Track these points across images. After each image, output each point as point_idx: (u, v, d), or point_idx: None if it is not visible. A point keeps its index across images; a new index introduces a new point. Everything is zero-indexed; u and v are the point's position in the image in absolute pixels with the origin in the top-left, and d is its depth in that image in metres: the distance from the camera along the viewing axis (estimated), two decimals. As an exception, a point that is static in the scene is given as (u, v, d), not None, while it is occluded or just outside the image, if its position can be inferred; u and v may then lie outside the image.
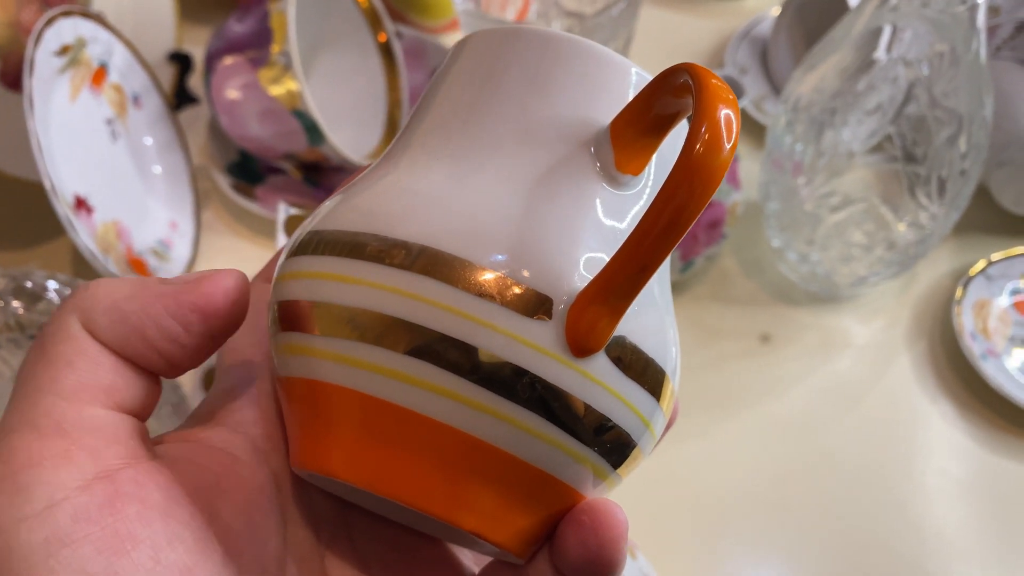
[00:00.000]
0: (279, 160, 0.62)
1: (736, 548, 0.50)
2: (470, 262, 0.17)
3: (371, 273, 0.18)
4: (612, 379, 0.18)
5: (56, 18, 0.52)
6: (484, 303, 0.17)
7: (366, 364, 0.17)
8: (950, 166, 0.50)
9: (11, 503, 0.16)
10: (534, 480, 0.18)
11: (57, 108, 0.53)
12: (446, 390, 0.17)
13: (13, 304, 0.41)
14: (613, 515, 0.18)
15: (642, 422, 0.19)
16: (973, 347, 0.56)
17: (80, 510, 0.16)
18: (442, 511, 0.18)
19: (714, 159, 0.15)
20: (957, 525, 0.51)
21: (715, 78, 0.16)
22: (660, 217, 0.16)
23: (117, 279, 0.19)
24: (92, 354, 0.18)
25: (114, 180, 0.57)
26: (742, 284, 0.61)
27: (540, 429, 0.17)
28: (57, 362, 0.18)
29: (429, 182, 0.19)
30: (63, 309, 0.19)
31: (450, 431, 0.17)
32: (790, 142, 0.54)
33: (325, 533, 0.22)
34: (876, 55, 0.50)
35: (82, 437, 0.17)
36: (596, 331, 0.17)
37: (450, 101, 0.20)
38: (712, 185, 0.15)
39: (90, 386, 0.18)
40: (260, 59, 0.57)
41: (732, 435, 0.54)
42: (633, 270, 0.16)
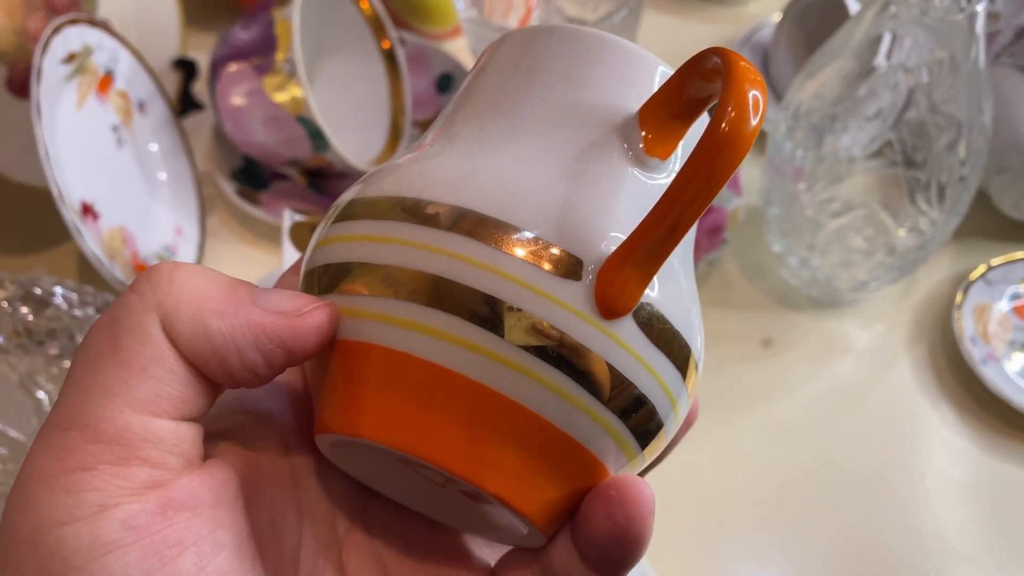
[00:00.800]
0: (284, 166, 0.63)
1: (737, 551, 0.50)
2: (506, 224, 0.18)
3: (412, 233, 0.18)
4: (639, 345, 0.18)
5: (63, 26, 0.52)
6: (518, 262, 0.17)
7: (399, 320, 0.18)
8: (950, 172, 0.50)
9: (59, 504, 0.16)
10: (559, 444, 0.18)
11: (64, 115, 0.53)
12: (477, 346, 0.17)
13: (21, 310, 0.41)
14: (641, 490, 0.18)
15: (668, 398, 0.19)
16: (973, 351, 0.56)
17: (131, 517, 0.16)
18: (466, 471, 0.18)
19: (741, 132, 0.16)
20: (957, 528, 0.51)
21: (744, 61, 0.17)
22: (689, 184, 0.16)
23: (204, 275, 0.18)
24: (169, 364, 0.17)
25: (120, 186, 0.58)
26: (743, 289, 0.61)
27: (568, 390, 0.18)
28: (131, 364, 0.17)
29: (467, 157, 0.19)
30: (143, 302, 0.17)
31: (477, 387, 0.17)
32: (791, 148, 0.54)
33: (343, 525, 0.22)
34: (876, 62, 0.50)
35: (143, 447, 0.17)
36: (625, 293, 0.17)
37: (487, 94, 0.21)
38: (738, 157, 0.16)
39: (161, 398, 0.17)
40: (265, 66, 0.57)
41: (733, 439, 0.54)
42: (662, 232, 0.17)
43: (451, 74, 0.70)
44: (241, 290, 0.18)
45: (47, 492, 0.16)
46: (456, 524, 0.22)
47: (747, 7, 0.80)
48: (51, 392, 0.44)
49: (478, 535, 0.22)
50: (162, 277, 0.18)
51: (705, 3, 0.80)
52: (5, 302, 0.41)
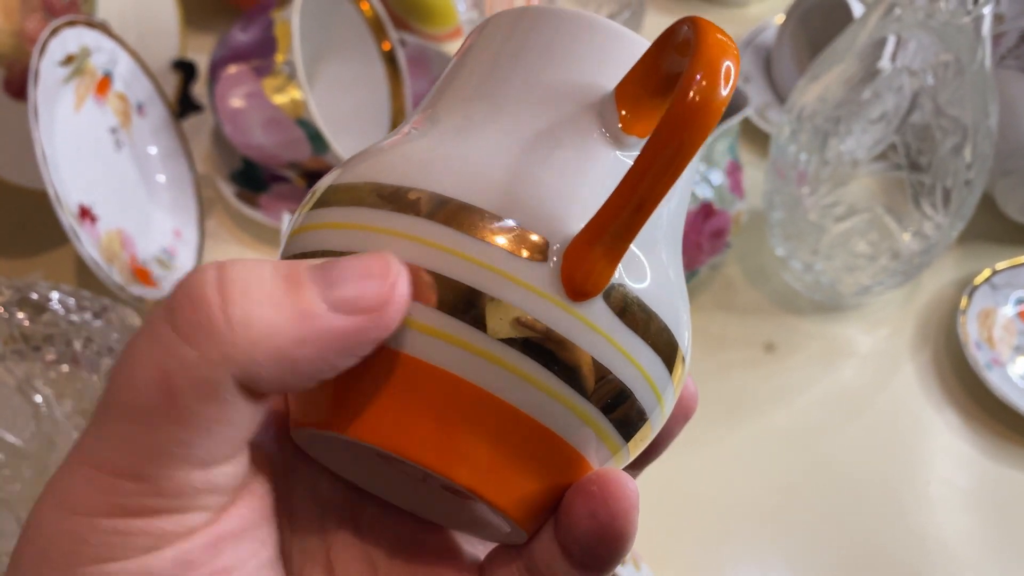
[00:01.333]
0: (283, 169, 0.62)
1: (739, 557, 0.50)
2: (468, 204, 0.17)
3: (384, 220, 0.17)
4: (611, 328, 0.17)
5: (61, 28, 0.52)
6: (480, 244, 0.17)
7: None
8: (955, 175, 0.50)
9: (108, 543, 0.15)
10: (533, 436, 0.17)
11: (62, 117, 0.53)
12: (440, 332, 0.17)
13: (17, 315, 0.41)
14: (623, 484, 0.18)
15: (649, 385, 0.18)
16: (978, 356, 0.56)
17: (183, 554, 0.16)
18: (436, 463, 0.17)
19: (710, 100, 0.15)
20: (961, 535, 0.51)
21: (716, 28, 0.16)
22: (656, 157, 0.16)
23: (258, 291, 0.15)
24: (236, 420, 0.16)
25: (118, 189, 0.58)
26: (746, 293, 0.61)
27: (537, 376, 0.17)
28: (192, 425, 0.15)
29: (443, 141, 0.19)
30: (205, 358, 0.15)
31: (444, 375, 0.17)
32: (794, 151, 0.54)
33: (331, 524, 0.22)
34: (880, 64, 0.50)
35: (203, 498, 0.16)
36: (593, 274, 0.17)
37: (468, 76, 0.21)
38: (707, 128, 0.15)
39: (222, 449, 0.16)
40: (264, 68, 0.57)
41: (736, 444, 0.54)
42: (629, 209, 0.16)
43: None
44: (306, 300, 0.16)
45: (95, 531, 0.15)
46: (441, 520, 0.22)
47: (749, 9, 0.80)
48: (48, 396, 0.44)
49: (463, 531, 0.22)
50: (216, 320, 0.15)
51: (707, 5, 0.79)
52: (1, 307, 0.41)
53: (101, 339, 0.44)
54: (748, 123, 0.68)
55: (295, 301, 0.16)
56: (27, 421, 0.44)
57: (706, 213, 0.54)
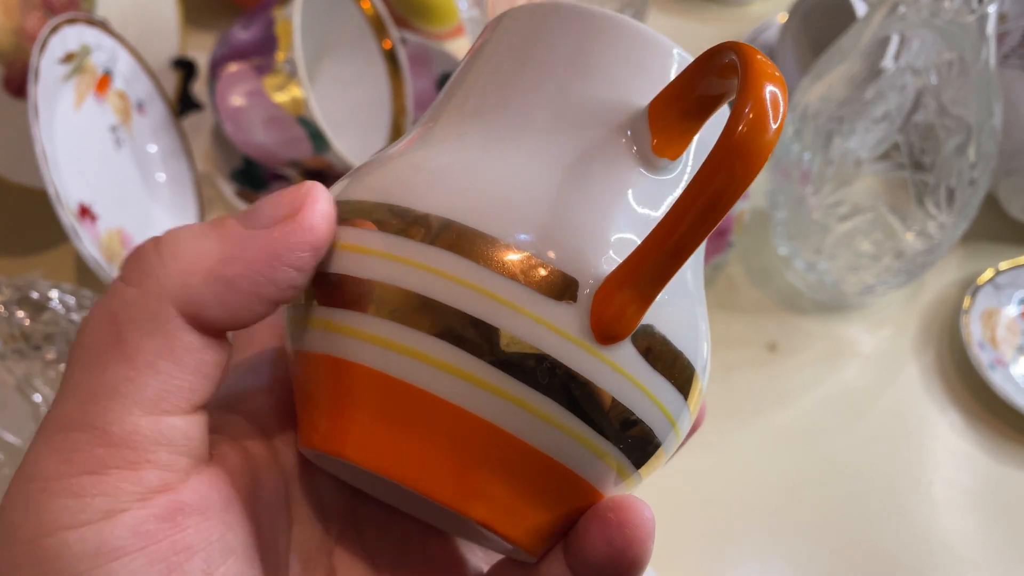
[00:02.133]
0: (284, 167, 0.62)
1: (742, 557, 0.50)
2: (494, 238, 0.16)
3: (397, 247, 0.17)
4: (638, 371, 0.17)
5: (61, 25, 0.52)
6: (506, 282, 0.16)
7: (380, 340, 0.17)
8: (959, 175, 0.50)
9: (65, 508, 0.15)
10: (551, 473, 0.17)
11: (62, 115, 0.53)
12: (463, 372, 0.16)
13: (17, 314, 0.41)
14: (641, 513, 0.18)
15: (668, 420, 0.18)
16: (981, 356, 0.55)
17: (139, 523, 0.16)
18: (451, 499, 0.17)
19: (759, 139, 0.14)
20: (965, 535, 0.51)
21: (762, 56, 0.15)
22: (697, 199, 0.15)
23: (186, 235, 0.17)
24: (179, 354, 0.16)
25: (118, 187, 0.57)
26: (749, 293, 0.61)
27: (559, 419, 0.17)
28: (138, 361, 0.16)
29: (456, 156, 0.18)
30: (144, 291, 0.16)
31: (464, 415, 0.17)
32: (798, 150, 0.54)
33: (334, 528, 0.21)
34: (884, 63, 0.50)
35: (153, 450, 0.16)
36: (623, 318, 0.16)
37: (482, 79, 0.20)
38: (756, 167, 0.14)
39: (171, 393, 0.16)
40: (265, 66, 0.56)
41: (739, 444, 0.54)
42: (665, 255, 0.15)
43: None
44: (228, 227, 0.17)
45: (51, 495, 0.15)
46: (448, 528, 0.22)
47: (752, 7, 0.79)
48: (48, 396, 0.43)
49: (469, 540, 0.22)
50: (150, 259, 0.16)
51: (710, 3, 0.79)
52: (1, 306, 0.41)
53: (101, 338, 0.44)
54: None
55: (218, 230, 0.17)
56: (26, 421, 0.44)
57: (709, 212, 0.53)
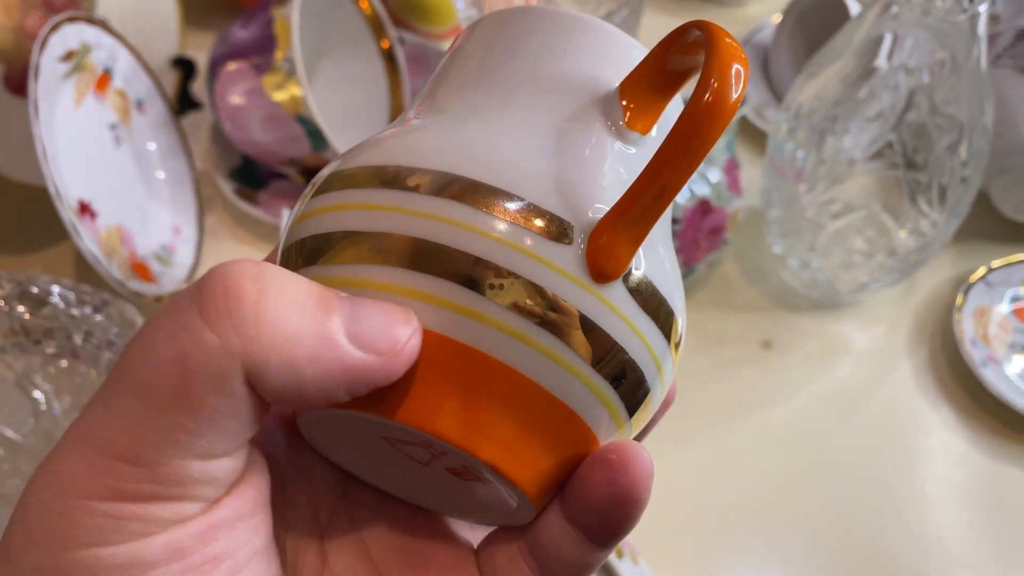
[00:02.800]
0: (282, 166, 0.62)
1: (737, 553, 0.50)
2: (497, 188, 0.18)
3: (399, 199, 0.18)
4: (629, 309, 0.18)
5: (61, 23, 0.52)
6: (509, 226, 0.17)
7: (388, 286, 0.17)
8: (951, 173, 0.50)
9: (101, 527, 0.15)
10: (552, 410, 0.18)
11: (62, 113, 0.53)
12: (468, 309, 0.17)
13: (18, 309, 0.41)
14: (641, 454, 0.18)
15: (656, 365, 0.19)
16: (973, 354, 0.56)
17: (175, 541, 0.16)
18: (459, 438, 0.18)
19: (724, 102, 0.16)
20: (958, 532, 0.51)
21: (726, 34, 0.17)
22: (676, 149, 0.17)
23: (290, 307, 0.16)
24: (243, 415, 0.16)
25: (117, 185, 0.58)
26: (743, 290, 0.61)
27: (559, 353, 0.17)
28: (201, 416, 0.15)
29: (452, 127, 0.19)
30: (225, 347, 0.15)
31: (470, 351, 0.17)
32: (791, 149, 0.54)
33: (324, 513, 0.22)
34: (877, 63, 0.50)
35: (200, 488, 0.16)
36: (615, 256, 0.17)
37: (467, 69, 0.21)
38: (720, 126, 0.16)
39: (226, 441, 0.16)
40: (264, 65, 0.57)
41: (733, 441, 0.54)
42: (650, 196, 0.17)
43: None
44: (331, 324, 0.16)
45: (88, 514, 0.15)
46: (439, 507, 0.22)
47: (747, 8, 0.80)
48: (47, 391, 0.44)
49: (462, 517, 0.22)
50: (246, 315, 0.15)
51: (705, 4, 0.80)
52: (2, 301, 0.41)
53: (101, 333, 0.44)
54: (746, 122, 0.69)
55: (322, 322, 0.16)
56: (26, 416, 0.44)
57: (704, 210, 0.54)
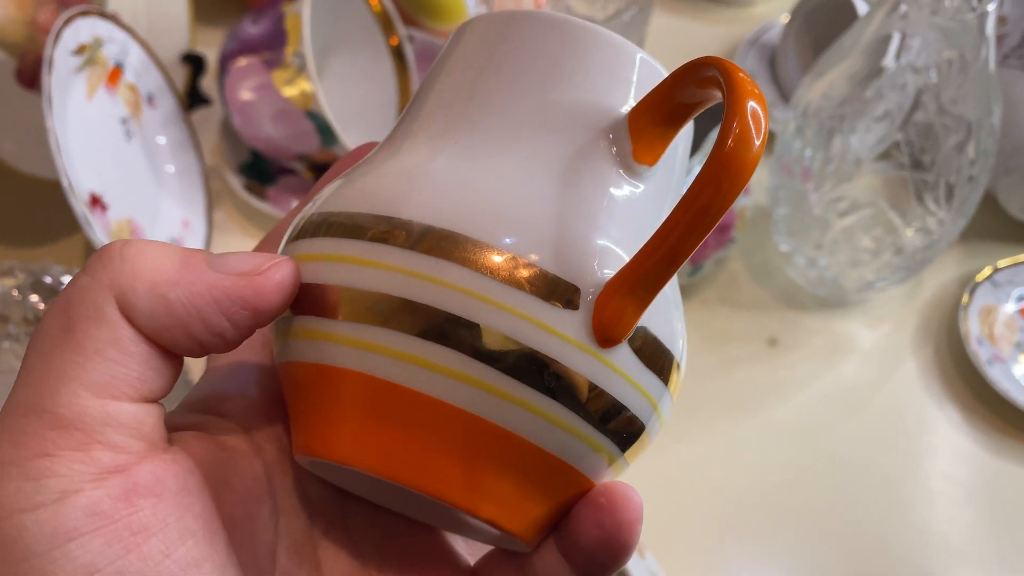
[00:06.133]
0: (291, 161, 0.63)
1: (742, 549, 0.50)
2: (483, 243, 0.17)
3: (378, 254, 0.17)
4: (633, 370, 0.18)
5: (74, 17, 0.52)
6: (513, 292, 0.17)
7: (375, 346, 0.17)
8: (958, 172, 0.51)
9: (20, 491, 0.15)
10: (552, 468, 0.18)
11: (74, 107, 0.53)
12: (465, 375, 0.17)
13: (31, 298, 0.41)
14: (630, 497, 0.19)
15: (652, 408, 0.19)
16: (979, 353, 0.56)
17: (94, 503, 0.16)
18: (458, 499, 0.18)
19: (745, 153, 0.15)
20: (962, 530, 0.51)
21: (742, 72, 0.16)
22: (691, 209, 0.16)
23: (155, 248, 0.17)
24: (125, 343, 0.17)
25: (128, 179, 0.58)
26: (750, 288, 0.61)
27: (563, 418, 0.17)
28: (86, 347, 0.16)
29: (434, 163, 0.18)
30: (95, 281, 0.17)
31: (470, 417, 0.17)
32: (799, 147, 0.54)
33: (320, 522, 0.22)
34: (885, 62, 0.50)
35: (103, 432, 0.16)
36: (622, 322, 0.17)
37: (452, 84, 0.20)
38: (743, 179, 0.15)
39: (119, 380, 0.17)
40: (274, 60, 0.57)
41: (739, 438, 0.54)
42: (662, 262, 0.16)
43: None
44: (196, 258, 0.18)
45: (6, 479, 0.16)
46: (437, 524, 0.22)
47: (755, 8, 0.80)
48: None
49: (460, 535, 0.22)
50: (113, 255, 0.17)
51: (713, 4, 0.80)
52: (15, 290, 0.41)
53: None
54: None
55: (184, 256, 0.18)
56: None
57: (711, 207, 0.54)
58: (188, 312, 0.17)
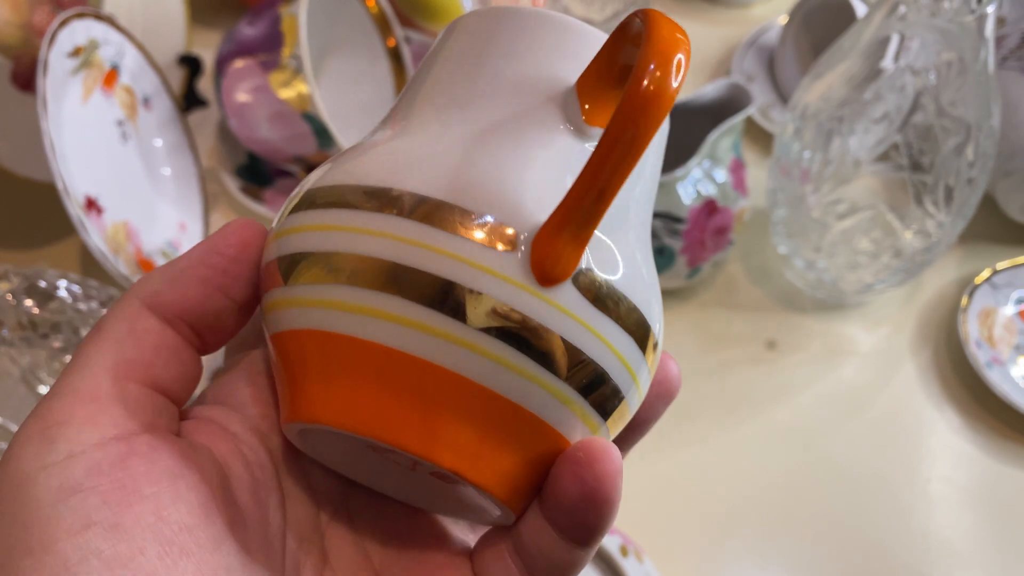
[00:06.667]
0: (288, 163, 0.62)
1: (741, 553, 0.50)
2: (445, 202, 0.18)
3: (353, 219, 0.18)
4: (582, 310, 0.18)
5: (70, 19, 0.52)
6: (456, 238, 0.18)
7: (343, 304, 0.18)
8: (957, 174, 0.50)
9: (36, 453, 0.17)
10: (515, 417, 0.18)
11: (69, 109, 0.53)
12: (420, 323, 0.17)
13: (26, 303, 0.41)
14: (607, 450, 0.18)
15: (623, 366, 0.19)
16: (978, 355, 0.56)
17: (94, 463, 0.17)
18: (419, 447, 0.18)
19: (662, 90, 0.16)
20: (961, 533, 0.51)
21: (668, 21, 0.17)
22: (613, 146, 0.16)
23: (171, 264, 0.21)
24: (139, 333, 0.19)
25: (124, 181, 0.58)
26: (748, 291, 0.61)
27: (514, 361, 0.17)
28: (108, 339, 0.19)
29: (413, 141, 0.20)
30: (127, 294, 0.20)
31: (426, 365, 0.17)
32: (798, 149, 0.54)
33: (326, 511, 0.22)
34: (884, 64, 0.50)
35: (111, 405, 0.18)
36: (561, 259, 0.17)
37: (432, 76, 0.22)
38: (659, 118, 0.16)
39: (130, 361, 0.19)
40: (271, 62, 0.57)
41: (738, 441, 0.54)
42: (592, 197, 0.17)
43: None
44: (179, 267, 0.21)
45: (27, 444, 0.18)
46: (431, 507, 0.22)
47: (753, 9, 0.80)
48: (53, 387, 0.44)
49: (454, 516, 0.22)
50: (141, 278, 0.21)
51: (711, 5, 0.80)
52: (10, 294, 0.41)
53: (108, 328, 0.44)
54: (751, 122, 0.69)
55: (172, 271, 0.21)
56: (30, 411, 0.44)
57: (709, 210, 0.54)
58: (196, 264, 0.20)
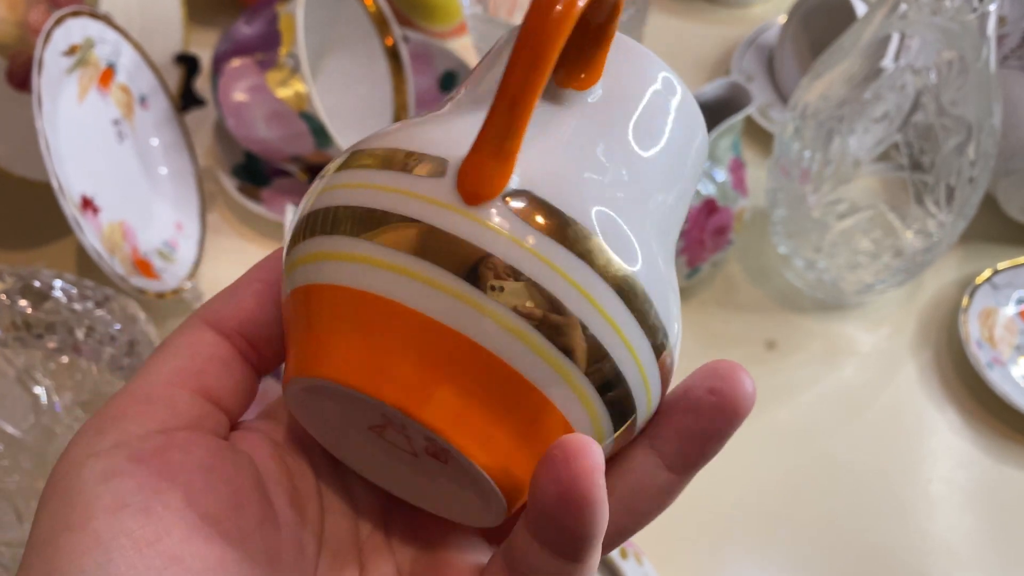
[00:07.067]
0: (286, 162, 0.62)
1: (741, 554, 0.50)
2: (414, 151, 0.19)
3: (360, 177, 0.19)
4: (515, 227, 0.18)
5: (65, 18, 0.52)
6: (395, 174, 0.19)
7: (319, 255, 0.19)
8: (958, 174, 0.50)
9: (89, 442, 0.20)
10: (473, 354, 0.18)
11: (65, 108, 0.53)
12: (363, 256, 0.18)
13: (20, 303, 0.41)
14: (584, 444, 0.17)
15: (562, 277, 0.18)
16: (979, 355, 0.56)
17: (135, 452, 0.19)
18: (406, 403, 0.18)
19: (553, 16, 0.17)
20: (962, 533, 0.51)
21: None
22: (516, 62, 0.17)
23: None
24: (196, 345, 0.21)
25: (120, 181, 0.57)
26: (748, 291, 0.61)
27: (453, 287, 0.17)
28: (167, 350, 0.21)
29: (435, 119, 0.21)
30: (191, 316, 0.22)
31: (384, 302, 0.18)
32: (798, 149, 0.54)
33: (365, 527, 0.23)
34: (884, 63, 0.50)
35: (160, 405, 0.20)
36: (485, 175, 0.18)
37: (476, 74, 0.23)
38: (560, 31, 0.17)
39: (183, 369, 0.21)
40: (268, 61, 0.57)
41: (737, 441, 0.54)
42: (503, 108, 0.17)
43: (455, 72, 0.70)
44: None
45: (85, 434, 0.20)
46: (425, 504, 0.22)
47: (752, 8, 0.80)
48: (48, 387, 0.43)
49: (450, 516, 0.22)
50: None
51: (710, 4, 0.80)
52: (4, 295, 0.41)
53: (103, 328, 0.44)
54: (751, 122, 0.68)
55: None
56: (26, 412, 0.44)
57: (709, 210, 0.54)
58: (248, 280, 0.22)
